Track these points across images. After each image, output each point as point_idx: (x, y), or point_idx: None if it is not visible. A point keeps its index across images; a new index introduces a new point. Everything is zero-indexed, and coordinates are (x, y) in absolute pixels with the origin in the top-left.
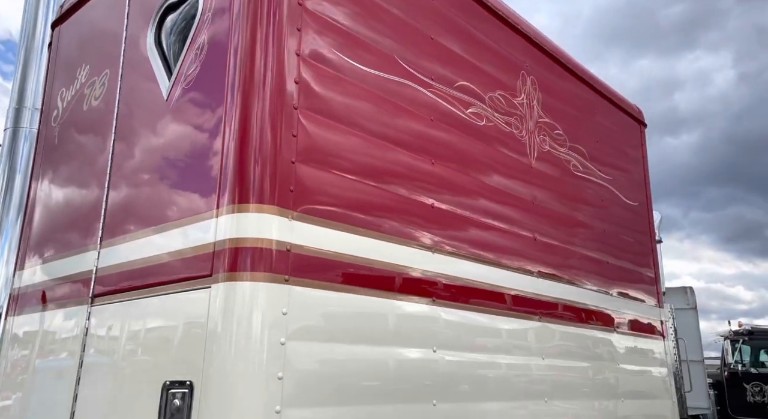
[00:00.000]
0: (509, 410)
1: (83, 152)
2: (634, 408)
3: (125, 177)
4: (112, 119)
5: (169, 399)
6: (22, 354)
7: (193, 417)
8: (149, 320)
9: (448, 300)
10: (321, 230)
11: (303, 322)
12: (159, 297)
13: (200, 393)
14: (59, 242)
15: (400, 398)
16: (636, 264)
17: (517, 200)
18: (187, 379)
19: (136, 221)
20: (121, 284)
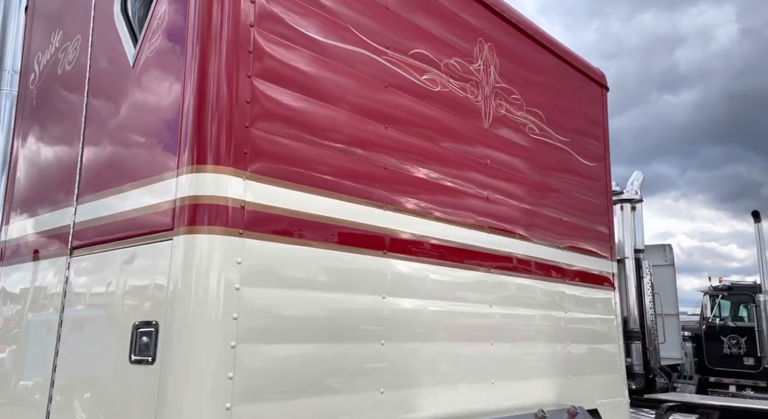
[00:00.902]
0: (454, 350)
1: (59, 115)
2: (580, 351)
3: (98, 139)
4: (84, 83)
5: (139, 337)
6: (8, 304)
7: (158, 352)
8: (121, 269)
9: (398, 253)
10: (273, 189)
11: (256, 270)
12: (129, 249)
13: (165, 332)
14: (40, 199)
15: (349, 338)
16: (590, 221)
17: (470, 161)
18: (153, 320)
19: (108, 180)
20: (95, 237)
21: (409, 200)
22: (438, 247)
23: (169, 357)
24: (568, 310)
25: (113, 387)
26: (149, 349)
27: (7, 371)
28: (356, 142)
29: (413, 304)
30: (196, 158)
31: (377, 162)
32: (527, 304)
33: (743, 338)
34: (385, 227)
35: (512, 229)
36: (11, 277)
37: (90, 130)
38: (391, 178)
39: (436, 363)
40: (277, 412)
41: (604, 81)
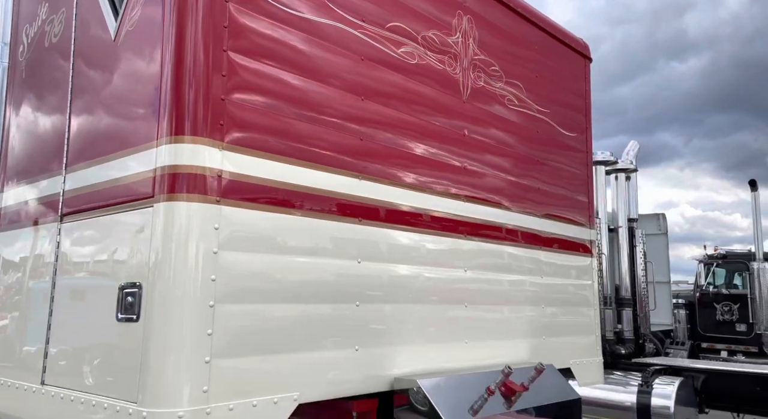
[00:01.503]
0: (427, 311)
1: (47, 87)
2: (555, 314)
3: (84, 111)
4: (69, 56)
5: (124, 297)
6: (6, 269)
7: (142, 311)
8: (108, 234)
9: (373, 220)
10: (249, 159)
11: (232, 236)
12: (114, 216)
13: (147, 292)
14: (33, 167)
15: (324, 299)
16: (569, 190)
17: (447, 132)
18: (137, 281)
19: (94, 149)
20: (83, 205)
21: (384, 169)
22: (413, 215)
23: (152, 315)
24: (545, 275)
25: (103, 343)
26: (134, 308)
27: (6, 331)
28: (331, 114)
29: (388, 268)
30: (174, 129)
31: (352, 133)
32: (502, 269)
33: (736, 305)
34: (360, 196)
35: (489, 197)
36: (8, 242)
37: (76, 102)
38: (366, 148)
39: (410, 324)
40: (253, 366)
41: (588, 52)
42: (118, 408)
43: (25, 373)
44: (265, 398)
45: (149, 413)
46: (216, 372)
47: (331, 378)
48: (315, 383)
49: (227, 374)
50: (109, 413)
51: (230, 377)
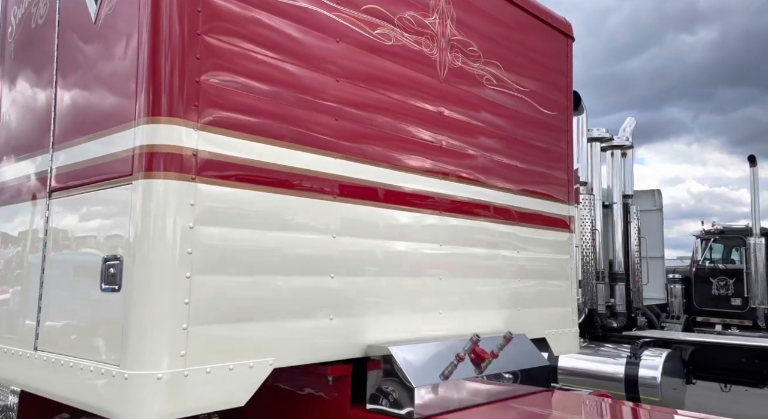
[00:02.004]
0: (401, 284)
1: (34, 68)
2: (531, 287)
3: (68, 92)
4: (54, 39)
5: (107, 269)
6: (2, 242)
7: (123, 281)
8: (92, 210)
9: (347, 197)
10: (223, 139)
11: (208, 211)
12: (98, 192)
13: (128, 265)
14: (24, 144)
15: (299, 271)
16: (547, 167)
17: (423, 111)
18: (119, 254)
19: (79, 129)
20: (70, 181)
21: (358, 148)
22: (388, 192)
23: (132, 286)
24: (521, 250)
25: (88, 311)
26: (116, 279)
27: (2, 302)
28: (305, 95)
29: (362, 243)
30: (151, 110)
31: (327, 113)
32: (478, 244)
33: (732, 280)
34: (335, 174)
35: (465, 175)
36: (3, 217)
37: (61, 83)
38: (341, 128)
39: (384, 295)
40: (229, 333)
41: (570, 31)
42: (103, 370)
43: (20, 340)
44: (241, 362)
45: (130, 375)
46: (193, 338)
47: (306, 345)
48: (290, 349)
49: (204, 340)
50: (95, 375)
51: (207, 343)
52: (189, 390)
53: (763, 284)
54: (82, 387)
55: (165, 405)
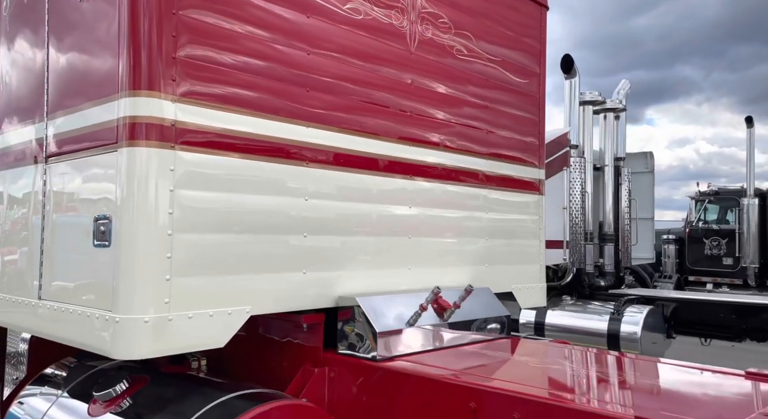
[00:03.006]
0: (372, 242)
1: (28, 42)
2: (498, 245)
3: (58, 66)
4: (44, 14)
5: (98, 227)
6: (4, 204)
7: (112, 238)
8: (84, 174)
9: (319, 163)
10: (199, 110)
11: (187, 176)
12: (88, 158)
13: (116, 223)
14: (22, 112)
15: (274, 231)
16: (517, 133)
17: (393, 82)
18: (108, 214)
19: (69, 100)
20: (63, 148)
21: (330, 117)
22: (359, 158)
23: (120, 242)
24: (489, 211)
25: (84, 264)
26: (106, 236)
27: (10, 258)
28: (277, 68)
29: (334, 205)
30: (132, 84)
31: (299, 85)
32: (447, 205)
33: (724, 240)
34: (308, 142)
35: (435, 141)
36: (8, 180)
37: (52, 57)
38: (313, 98)
39: (355, 252)
40: (209, 284)
41: (544, 1)
42: (98, 315)
43: (26, 290)
44: (220, 309)
45: (121, 318)
46: (176, 288)
47: (280, 295)
48: (265, 299)
49: (185, 289)
50: (91, 319)
51: (188, 292)
52: (173, 332)
53: (754, 244)
54: (80, 330)
55: (151, 344)
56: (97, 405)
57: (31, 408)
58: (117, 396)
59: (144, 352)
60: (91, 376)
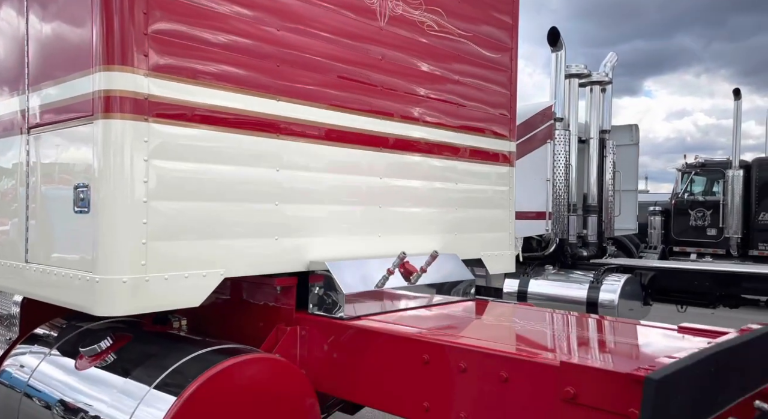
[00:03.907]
0: (343, 211)
1: (10, 23)
2: (468, 214)
3: (39, 41)
4: None
5: (78, 194)
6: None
7: (91, 204)
8: (64, 144)
9: (290, 136)
10: (172, 84)
11: (160, 147)
12: (67, 129)
13: (94, 191)
14: (9, 83)
15: (246, 199)
16: (489, 106)
17: (363, 57)
18: (87, 182)
19: (48, 72)
20: (43, 119)
21: (300, 91)
22: (329, 131)
23: (98, 208)
24: (459, 182)
25: (67, 229)
26: (85, 203)
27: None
28: (248, 43)
29: (305, 176)
30: (106, 59)
31: (269, 60)
32: (417, 177)
33: (709, 211)
34: (278, 115)
35: (405, 115)
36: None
37: (32, 33)
38: (283, 73)
39: (326, 220)
40: (184, 248)
41: None
42: (80, 276)
43: (14, 254)
44: (195, 272)
45: (101, 279)
46: (152, 251)
47: (253, 260)
48: (239, 263)
49: (161, 253)
50: (73, 280)
51: (164, 255)
52: (149, 292)
53: (737, 215)
54: (64, 290)
55: (129, 303)
56: (83, 360)
57: (23, 364)
58: (102, 351)
59: (123, 310)
60: (79, 335)
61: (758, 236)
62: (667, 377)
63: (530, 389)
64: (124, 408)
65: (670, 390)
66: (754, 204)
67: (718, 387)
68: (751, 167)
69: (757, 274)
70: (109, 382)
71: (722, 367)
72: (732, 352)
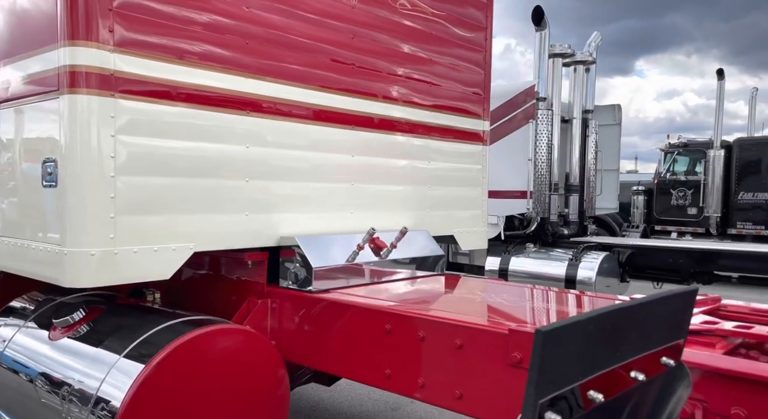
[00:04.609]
0: (315, 188)
1: None
2: (440, 192)
3: (5, 17)
4: None
5: (45, 168)
6: None
7: (59, 179)
8: (32, 119)
9: (260, 113)
10: (137, 60)
11: (127, 123)
12: (34, 104)
13: (62, 166)
14: None
15: (216, 175)
16: (462, 86)
17: (335, 36)
18: (54, 157)
19: (14, 49)
20: (10, 93)
21: (269, 69)
22: (299, 109)
23: (65, 183)
24: (432, 160)
25: (37, 203)
26: (53, 177)
27: None
28: (217, 20)
29: (276, 153)
30: (71, 35)
31: (238, 37)
32: (390, 155)
33: (690, 191)
34: (247, 92)
35: (377, 93)
36: None
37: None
38: (252, 50)
39: (297, 197)
40: (152, 222)
41: None
42: (50, 249)
43: None
44: (164, 246)
45: (69, 251)
46: (120, 225)
47: (224, 235)
48: (209, 238)
49: (129, 226)
50: (44, 252)
51: (132, 229)
52: (118, 264)
53: (717, 194)
54: (35, 262)
55: (98, 274)
56: (56, 331)
57: None
58: (74, 322)
59: (92, 281)
60: (53, 307)
61: (737, 215)
62: (555, 330)
63: (482, 355)
64: (95, 375)
65: (559, 342)
66: (733, 184)
67: (613, 343)
68: (732, 148)
69: (728, 251)
70: (81, 351)
71: (614, 326)
72: (625, 313)
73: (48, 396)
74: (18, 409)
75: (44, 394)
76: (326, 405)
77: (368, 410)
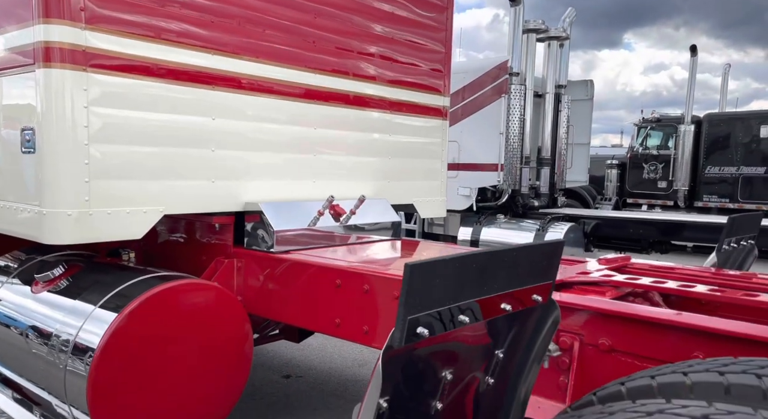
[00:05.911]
0: (278, 158)
1: None
2: (400, 164)
3: None
4: None
5: (24, 136)
6: None
7: (36, 147)
8: (12, 90)
9: (225, 87)
10: (107, 37)
11: (99, 95)
12: (13, 76)
13: (39, 133)
14: None
15: (183, 144)
16: (423, 63)
17: (297, 12)
18: (32, 125)
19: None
20: None
21: (236, 45)
22: (263, 83)
23: (42, 150)
24: (392, 133)
25: (17, 168)
26: (31, 144)
27: None
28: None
29: (239, 124)
30: (44, 13)
31: (204, 14)
32: (352, 128)
33: (661, 165)
34: (212, 67)
35: (338, 69)
36: None
37: None
38: (218, 27)
39: (261, 166)
40: (124, 186)
41: None
42: (29, 209)
43: None
44: (136, 208)
45: (48, 212)
46: (94, 189)
47: (192, 199)
48: (178, 202)
49: (103, 190)
50: (24, 213)
51: (106, 193)
52: (93, 224)
53: (686, 169)
54: (16, 222)
55: (74, 233)
56: (38, 285)
57: None
58: (55, 277)
59: (69, 238)
60: (35, 265)
61: (704, 189)
62: (421, 264)
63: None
64: (74, 324)
65: (424, 274)
66: (702, 158)
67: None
68: (702, 123)
69: (684, 222)
70: (60, 303)
71: (481, 266)
72: (491, 256)
73: (31, 344)
74: (4, 357)
75: (28, 342)
76: (298, 362)
77: (337, 366)
